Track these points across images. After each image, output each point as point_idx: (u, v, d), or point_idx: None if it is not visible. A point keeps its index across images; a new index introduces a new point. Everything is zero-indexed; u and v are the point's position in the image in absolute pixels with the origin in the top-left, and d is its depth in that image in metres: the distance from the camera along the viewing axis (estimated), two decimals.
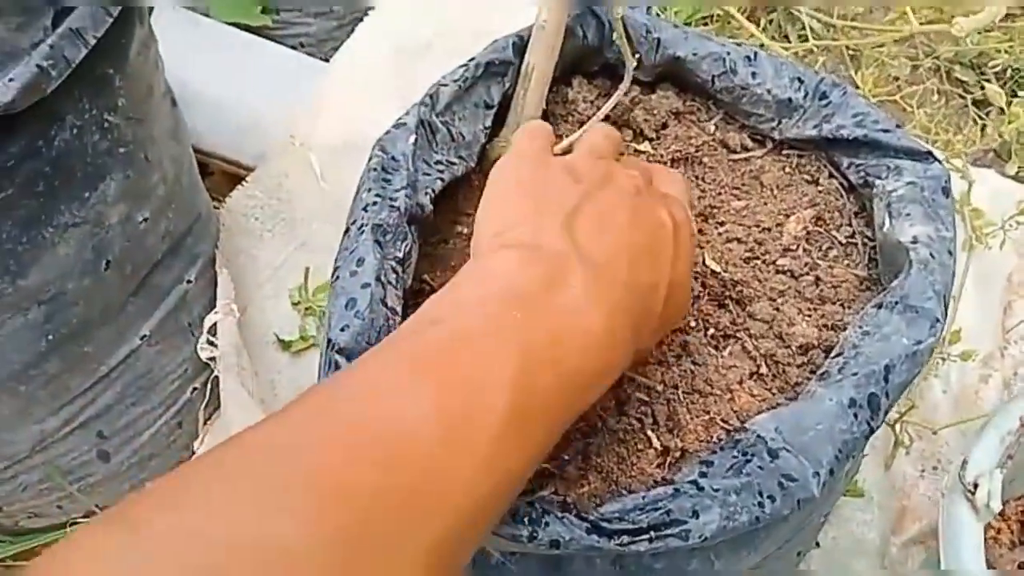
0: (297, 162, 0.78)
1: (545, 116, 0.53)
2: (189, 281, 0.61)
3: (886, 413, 0.39)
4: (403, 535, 0.24)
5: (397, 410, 0.26)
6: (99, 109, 0.48)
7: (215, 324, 0.60)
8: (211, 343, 0.59)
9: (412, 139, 0.45)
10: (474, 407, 0.27)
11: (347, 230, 0.43)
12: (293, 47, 0.90)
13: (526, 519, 0.34)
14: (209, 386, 0.64)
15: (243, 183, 0.77)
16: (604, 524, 0.35)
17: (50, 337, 0.51)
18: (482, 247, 0.35)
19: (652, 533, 0.34)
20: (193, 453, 0.66)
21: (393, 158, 0.45)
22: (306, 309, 0.74)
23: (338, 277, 0.40)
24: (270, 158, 0.78)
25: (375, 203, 0.42)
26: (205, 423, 0.65)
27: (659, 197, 0.39)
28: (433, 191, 0.45)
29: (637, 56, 0.52)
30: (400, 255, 0.42)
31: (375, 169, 0.44)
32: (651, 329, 0.36)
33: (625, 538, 0.34)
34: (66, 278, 0.49)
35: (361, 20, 0.88)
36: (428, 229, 0.50)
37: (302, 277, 0.75)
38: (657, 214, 0.37)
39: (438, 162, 0.47)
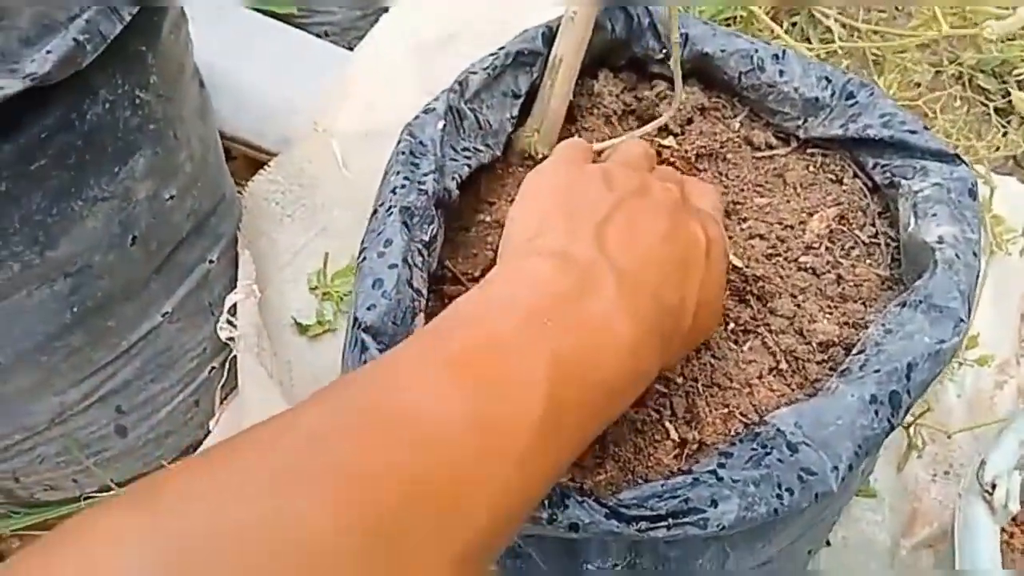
0: (319, 149, 0.78)
1: (571, 108, 0.53)
2: (211, 261, 0.62)
3: (907, 411, 0.39)
4: (432, 534, 0.24)
5: (431, 411, 0.26)
6: (131, 85, 0.48)
7: (235, 305, 0.60)
8: (231, 323, 0.60)
9: (441, 125, 0.45)
10: (507, 413, 0.27)
11: (375, 212, 0.43)
12: (318, 35, 0.91)
13: (546, 502, 0.34)
14: (227, 366, 0.64)
15: (265, 168, 0.78)
16: (623, 510, 0.35)
17: (75, 309, 0.51)
18: (514, 250, 0.36)
19: (671, 520, 0.34)
20: (208, 432, 0.67)
21: (421, 143, 0.45)
22: (324, 294, 0.74)
23: (365, 258, 0.41)
24: (293, 144, 0.79)
25: (403, 186, 0.43)
26: (222, 402, 0.66)
27: (694, 212, 0.39)
28: (460, 177, 0.46)
29: (664, 52, 0.53)
30: (427, 238, 0.42)
31: (403, 153, 0.44)
32: (678, 344, 0.36)
33: (644, 524, 0.34)
34: (93, 251, 0.50)
35: (386, 10, 0.88)
36: (451, 215, 0.50)
37: (321, 263, 0.75)
38: (691, 229, 0.37)
39: (465, 149, 0.47)
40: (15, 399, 0.55)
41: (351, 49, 0.87)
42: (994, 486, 0.42)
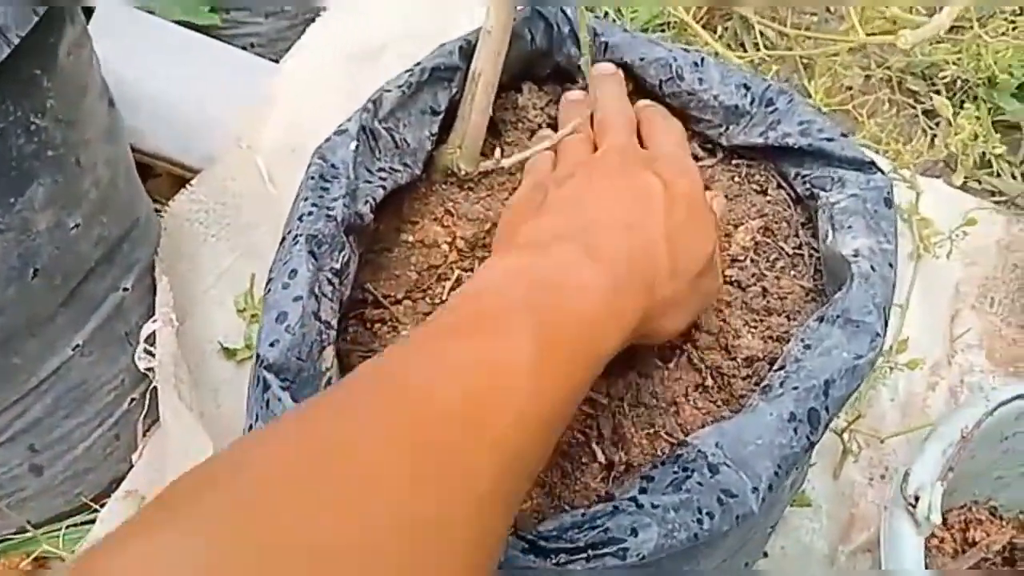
0: (244, 165, 0.76)
1: (495, 123, 0.52)
2: (126, 289, 0.59)
3: (826, 427, 0.39)
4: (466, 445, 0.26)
5: (439, 362, 0.29)
6: (24, 111, 0.46)
7: (153, 333, 0.58)
8: (149, 352, 0.57)
9: (353, 146, 0.44)
10: (503, 358, 0.29)
11: (283, 240, 0.42)
12: (244, 47, 0.88)
13: None
14: (148, 397, 0.62)
15: (188, 186, 0.75)
16: (542, 543, 0.34)
17: None
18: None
19: (590, 552, 0.34)
20: (132, 466, 0.64)
21: (333, 165, 0.43)
22: (252, 316, 0.72)
23: (270, 290, 0.39)
24: (216, 160, 0.76)
25: (311, 213, 0.41)
26: (144, 434, 0.63)
27: (648, 161, 0.41)
28: (374, 199, 0.44)
29: (585, 61, 0.52)
30: (337, 266, 0.41)
31: (312, 177, 0.43)
32: (668, 288, 0.37)
33: (563, 556, 0.34)
34: None
35: (313, 21, 0.86)
36: (371, 237, 0.48)
37: (247, 283, 0.73)
38: (641, 178, 0.39)
39: (380, 169, 0.46)
40: None
41: (277, 61, 0.85)
42: (917, 498, 0.42)
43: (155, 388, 0.59)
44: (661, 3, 0.88)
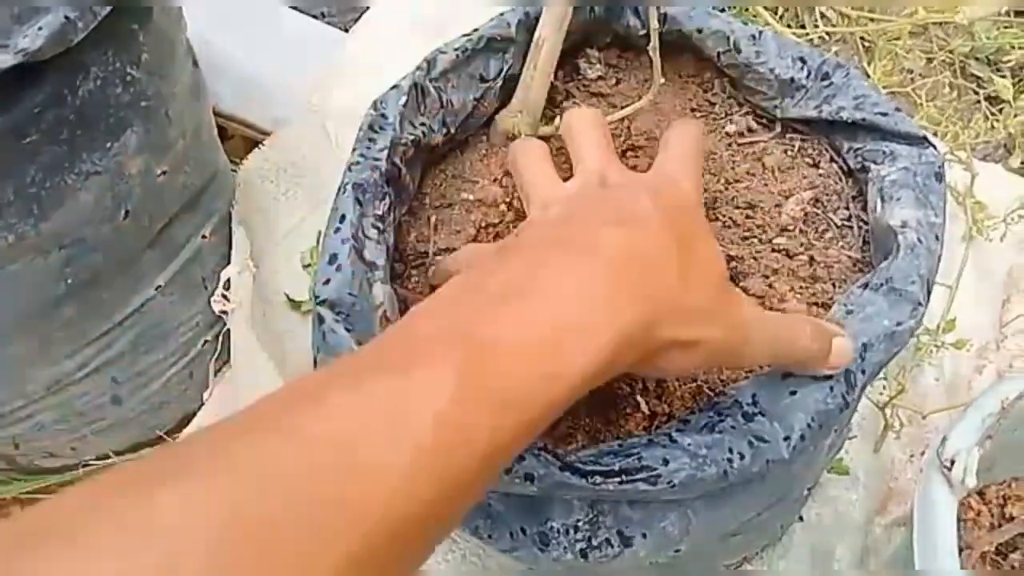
0: (314, 129, 0.79)
1: (555, 90, 0.54)
2: (204, 236, 0.63)
3: (863, 389, 0.40)
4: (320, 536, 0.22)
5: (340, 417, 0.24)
6: (123, 62, 0.50)
7: (230, 279, 0.62)
8: (225, 297, 0.61)
9: (403, 100, 0.46)
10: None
11: (338, 190, 0.45)
12: (315, 16, 0.92)
13: None
14: (220, 339, 0.66)
15: (260, 147, 0.79)
16: (578, 464, 0.36)
17: (69, 281, 0.53)
18: None
19: (623, 476, 0.35)
20: (203, 404, 0.68)
21: (383, 115, 0.46)
22: (316, 272, 0.75)
23: (326, 235, 0.42)
24: (287, 124, 0.80)
25: (358, 163, 0.44)
26: (215, 375, 0.67)
27: (633, 187, 0.36)
28: (405, 154, 0.47)
29: (644, 33, 0.53)
30: (380, 212, 0.44)
31: (363, 128, 0.46)
32: (671, 281, 0.31)
33: (597, 478, 0.35)
34: (86, 225, 0.51)
35: None
36: (435, 193, 0.51)
37: (314, 240, 0.76)
38: (624, 191, 0.35)
39: (423, 124, 0.48)
40: (13, 366, 0.57)
41: (347, 31, 0.88)
42: (953, 461, 0.43)
43: (227, 332, 0.63)
44: None
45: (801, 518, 0.62)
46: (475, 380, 0.25)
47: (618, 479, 0.35)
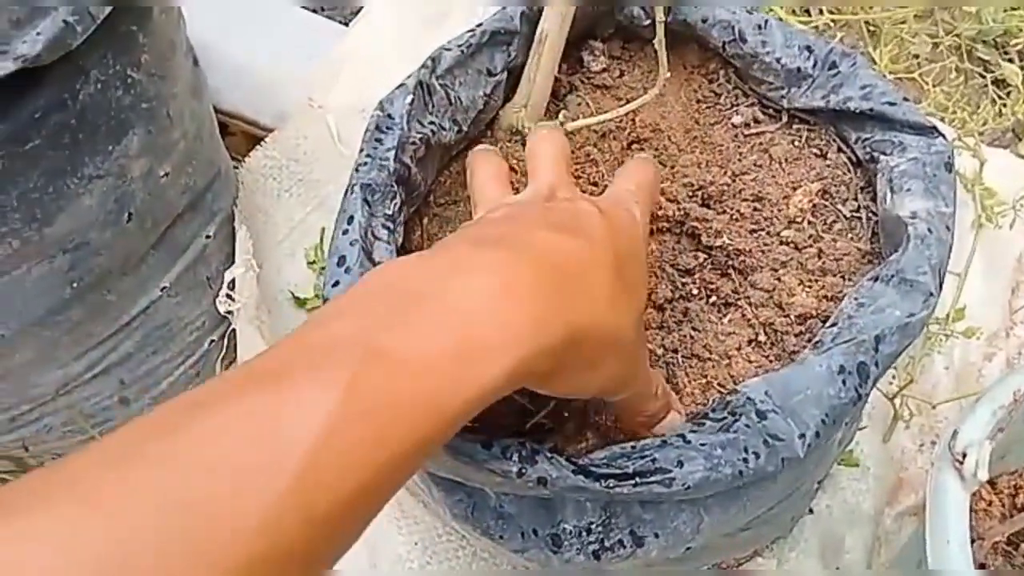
0: (315, 124, 0.79)
1: (559, 83, 0.53)
2: (208, 236, 0.63)
3: (875, 382, 0.40)
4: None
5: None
6: (123, 65, 0.49)
7: (234, 279, 0.62)
8: (230, 297, 0.61)
9: (409, 100, 0.46)
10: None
11: (345, 191, 0.45)
12: (314, 10, 0.91)
13: (516, 456, 0.35)
14: (226, 339, 0.66)
15: (262, 143, 0.79)
16: (592, 468, 0.36)
17: (74, 284, 0.53)
18: None
19: (637, 478, 0.35)
20: None
21: (389, 116, 0.46)
22: (321, 268, 0.75)
23: (334, 237, 0.42)
24: (289, 119, 0.79)
25: (366, 163, 0.44)
26: None
27: (582, 203, 0.35)
28: (416, 153, 0.46)
29: (648, 23, 0.53)
30: (389, 212, 0.43)
31: (369, 129, 0.46)
32: (598, 299, 0.31)
33: (611, 481, 0.35)
34: (90, 228, 0.51)
35: None
36: (441, 191, 0.51)
37: (318, 237, 0.76)
38: (572, 203, 0.35)
39: (432, 123, 0.48)
40: (20, 371, 0.57)
41: (347, 24, 0.87)
42: (964, 455, 0.42)
43: (233, 331, 0.63)
44: None
45: (811, 510, 0.62)
46: (361, 396, 0.23)
47: (632, 482, 0.34)
